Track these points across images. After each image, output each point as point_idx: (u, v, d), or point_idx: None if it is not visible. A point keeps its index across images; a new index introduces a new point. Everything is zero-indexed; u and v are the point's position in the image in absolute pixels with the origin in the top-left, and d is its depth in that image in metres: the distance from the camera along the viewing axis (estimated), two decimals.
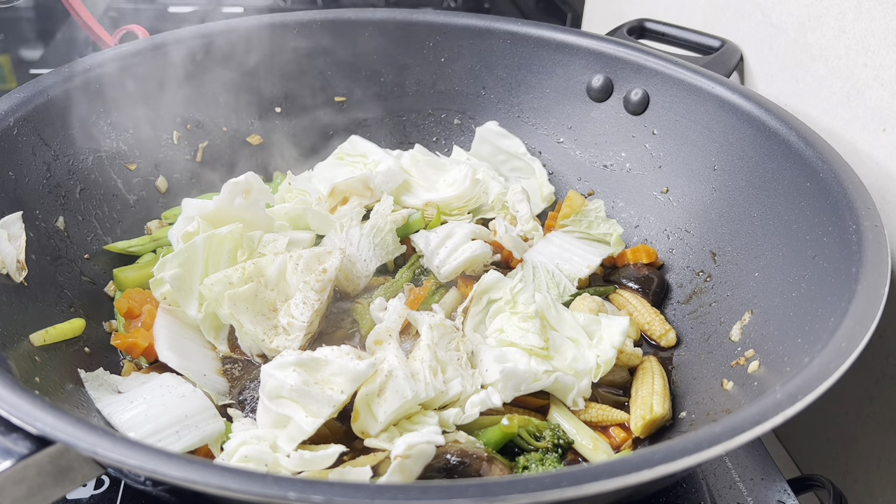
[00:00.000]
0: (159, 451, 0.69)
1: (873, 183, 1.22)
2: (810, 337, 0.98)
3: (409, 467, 0.91)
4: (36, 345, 1.07)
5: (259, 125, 1.61)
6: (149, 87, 1.44)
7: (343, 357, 1.01)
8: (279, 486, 0.65)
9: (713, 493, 1.10)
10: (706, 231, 1.37)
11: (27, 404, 0.75)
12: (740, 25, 1.57)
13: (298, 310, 1.16)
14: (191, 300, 1.18)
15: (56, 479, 0.74)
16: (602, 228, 1.44)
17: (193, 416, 1.03)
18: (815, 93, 1.36)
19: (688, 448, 0.71)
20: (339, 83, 1.64)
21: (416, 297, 1.27)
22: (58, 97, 1.29)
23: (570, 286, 1.34)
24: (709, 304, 1.29)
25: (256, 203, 1.29)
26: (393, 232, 1.33)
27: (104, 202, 1.36)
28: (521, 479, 0.66)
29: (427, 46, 1.63)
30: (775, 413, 0.76)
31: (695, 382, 1.19)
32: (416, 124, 1.69)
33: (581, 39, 1.54)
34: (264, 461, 0.94)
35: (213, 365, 1.18)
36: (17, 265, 1.11)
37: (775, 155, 1.24)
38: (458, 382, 1.07)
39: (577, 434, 1.09)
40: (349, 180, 1.38)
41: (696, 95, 1.39)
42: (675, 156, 1.45)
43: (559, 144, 1.61)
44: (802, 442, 1.48)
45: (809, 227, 1.12)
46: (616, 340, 1.15)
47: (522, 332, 1.13)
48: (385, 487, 0.67)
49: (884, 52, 1.20)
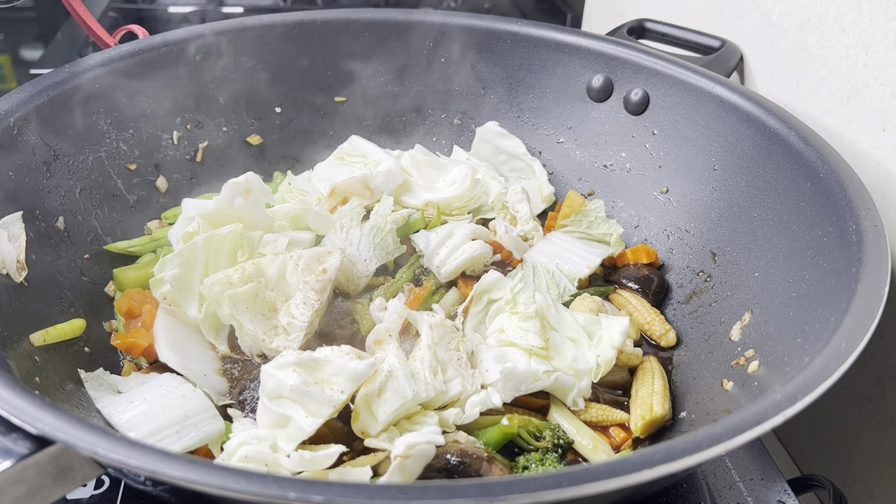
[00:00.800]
0: (159, 451, 0.69)
1: (873, 183, 1.22)
2: (810, 337, 0.98)
3: (409, 467, 0.91)
4: (36, 345, 1.07)
5: (259, 125, 1.61)
6: (149, 87, 1.44)
7: (343, 357, 1.01)
8: (279, 486, 0.65)
9: (713, 493, 1.10)
10: (706, 231, 1.37)
11: (27, 404, 0.75)
12: (740, 25, 1.57)
13: (298, 310, 1.16)
14: (191, 300, 1.18)
15: (56, 479, 0.74)
16: (602, 228, 1.44)
17: (193, 416, 1.03)
18: (815, 93, 1.36)
19: (688, 448, 0.71)
20: (340, 83, 1.64)
21: (416, 297, 1.27)
22: (58, 97, 1.29)
23: (570, 286, 1.34)
24: (709, 304, 1.29)
25: (256, 203, 1.29)
26: (393, 232, 1.33)
27: (104, 202, 1.36)
28: (521, 479, 0.66)
29: (427, 46, 1.63)
30: (775, 413, 0.76)
31: (695, 382, 1.19)
32: (416, 124, 1.69)
33: (581, 39, 1.54)
34: (264, 461, 0.94)
35: (214, 365, 1.18)
36: (17, 265, 1.11)
37: (775, 155, 1.24)
38: (458, 382, 1.07)
39: (577, 434, 1.09)
40: (349, 180, 1.38)
41: (696, 95, 1.39)
42: (675, 156, 1.45)
43: (559, 144, 1.61)
44: (802, 442, 1.48)
45: (809, 227, 1.12)
46: (616, 340, 1.15)
47: (522, 332, 1.13)
48: (385, 487, 0.67)
49: (884, 52, 1.20)
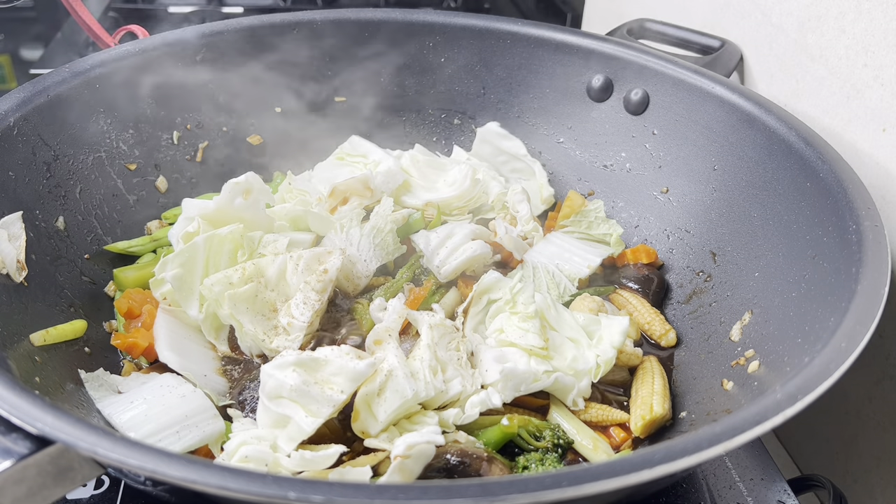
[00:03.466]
0: (159, 451, 0.69)
1: (873, 183, 1.22)
2: (810, 337, 0.98)
3: (409, 467, 0.91)
4: (36, 345, 1.07)
5: (259, 125, 1.61)
6: (149, 86, 1.44)
7: (343, 357, 1.01)
8: (279, 486, 0.65)
9: (713, 493, 1.10)
10: (706, 231, 1.37)
11: (27, 404, 0.75)
12: (740, 25, 1.57)
13: (299, 310, 1.16)
14: (192, 300, 1.18)
15: (56, 479, 0.74)
16: (602, 229, 1.44)
17: (194, 417, 1.03)
18: (815, 93, 1.36)
19: (688, 448, 0.71)
20: (339, 83, 1.64)
21: (416, 297, 1.27)
22: (58, 97, 1.29)
23: (570, 286, 1.34)
24: (709, 304, 1.29)
25: (257, 203, 1.29)
26: (393, 232, 1.33)
27: (104, 202, 1.36)
28: (521, 479, 0.66)
29: (427, 46, 1.63)
30: (775, 413, 0.76)
31: (695, 382, 1.19)
32: (416, 124, 1.69)
33: (581, 39, 1.54)
34: (264, 461, 0.94)
35: (214, 365, 1.18)
36: (17, 265, 1.11)
37: (775, 155, 1.23)
38: (458, 382, 1.06)
39: (577, 434, 1.09)
40: (349, 180, 1.38)
41: (696, 95, 1.39)
42: (675, 156, 1.45)
43: (559, 144, 1.61)
44: (802, 442, 1.48)
45: (809, 227, 1.12)
46: (616, 340, 1.15)
47: (522, 332, 1.13)
48: (385, 487, 0.67)
49: (884, 52, 1.20)
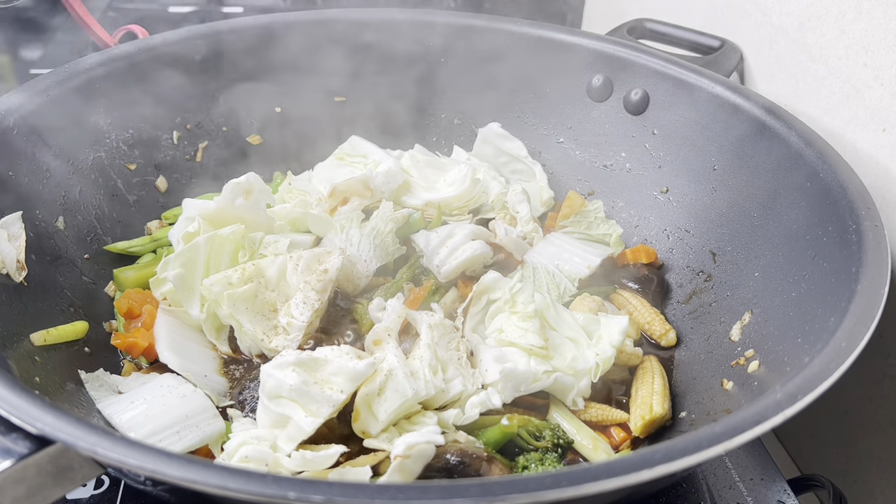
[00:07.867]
0: (159, 451, 0.69)
1: (873, 183, 1.22)
2: (810, 337, 0.98)
3: (409, 467, 0.91)
4: (36, 345, 1.07)
5: (259, 125, 1.61)
6: (149, 86, 1.44)
7: (342, 356, 1.01)
8: (279, 485, 0.65)
9: (713, 493, 1.10)
10: (706, 231, 1.37)
11: (27, 404, 0.75)
12: (740, 25, 1.57)
13: (298, 310, 1.16)
14: (193, 300, 1.18)
15: (56, 478, 0.74)
16: (602, 229, 1.44)
17: (194, 417, 1.03)
18: (815, 93, 1.36)
19: (688, 448, 0.72)
20: (339, 83, 1.64)
21: (415, 297, 1.27)
22: (58, 97, 1.28)
23: (570, 286, 1.34)
24: (709, 304, 1.29)
25: (257, 203, 1.29)
26: (393, 233, 1.33)
27: (104, 202, 1.36)
28: (521, 479, 0.66)
29: (427, 46, 1.63)
30: (775, 413, 0.76)
31: (695, 382, 1.19)
32: (416, 124, 1.69)
33: (581, 39, 1.54)
34: (264, 461, 0.94)
35: (214, 365, 1.18)
36: (17, 265, 1.11)
37: (775, 155, 1.24)
38: (458, 382, 1.07)
39: (577, 434, 1.09)
40: (349, 181, 1.38)
41: (696, 95, 1.39)
42: (675, 156, 1.44)
43: (559, 144, 1.61)
44: (802, 442, 1.48)
45: (809, 227, 1.12)
46: (615, 339, 1.15)
47: (522, 332, 1.13)
48: (385, 487, 0.67)
49: (884, 52, 1.20)
